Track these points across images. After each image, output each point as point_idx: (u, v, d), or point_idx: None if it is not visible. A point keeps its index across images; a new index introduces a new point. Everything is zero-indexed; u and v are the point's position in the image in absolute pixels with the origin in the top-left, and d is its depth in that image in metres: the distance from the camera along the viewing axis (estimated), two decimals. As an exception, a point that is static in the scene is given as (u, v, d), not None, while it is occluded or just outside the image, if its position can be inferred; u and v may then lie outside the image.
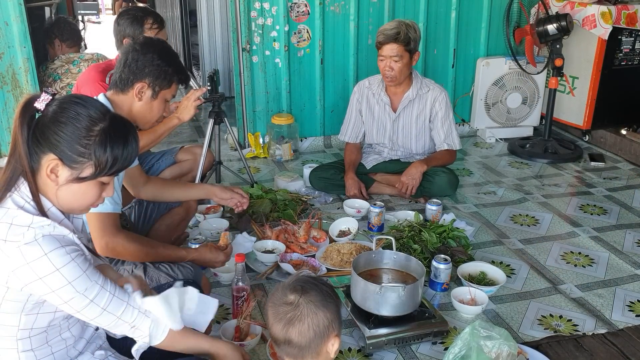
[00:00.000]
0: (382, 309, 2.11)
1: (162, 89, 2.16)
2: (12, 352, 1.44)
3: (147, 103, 2.16)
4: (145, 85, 2.13)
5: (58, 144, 1.39)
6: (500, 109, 4.46)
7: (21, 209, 1.39)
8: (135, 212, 2.53)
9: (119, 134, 1.45)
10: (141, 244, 2.09)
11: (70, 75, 3.77)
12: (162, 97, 2.18)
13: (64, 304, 1.40)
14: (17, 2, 3.54)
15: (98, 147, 1.41)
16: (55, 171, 1.41)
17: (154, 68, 2.12)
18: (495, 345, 1.83)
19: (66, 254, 1.37)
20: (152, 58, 2.12)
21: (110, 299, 1.45)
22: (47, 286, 1.36)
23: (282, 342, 1.44)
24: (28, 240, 1.34)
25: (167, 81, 2.16)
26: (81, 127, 1.40)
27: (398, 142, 3.48)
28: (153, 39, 2.26)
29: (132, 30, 2.87)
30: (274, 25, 3.97)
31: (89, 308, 1.42)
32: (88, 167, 1.42)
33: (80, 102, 1.43)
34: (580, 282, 2.60)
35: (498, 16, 4.34)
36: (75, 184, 1.43)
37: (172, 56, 2.22)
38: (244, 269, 2.25)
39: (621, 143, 4.13)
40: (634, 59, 4.19)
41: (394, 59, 3.17)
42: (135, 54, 2.12)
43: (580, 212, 3.26)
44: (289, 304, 1.43)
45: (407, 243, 2.70)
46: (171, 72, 2.16)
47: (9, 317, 1.41)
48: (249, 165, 3.51)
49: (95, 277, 1.43)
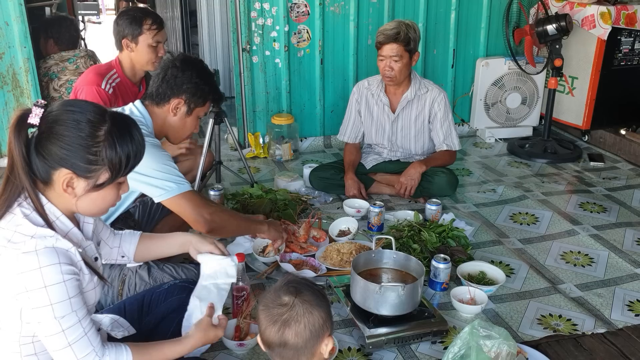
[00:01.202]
0: (381, 309, 2.11)
1: (197, 106, 2.25)
2: (16, 356, 1.43)
3: (182, 119, 2.25)
4: (181, 102, 2.21)
5: (67, 158, 1.36)
6: (500, 109, 4.47)
7: (26, 217, 1.37)
8: (140, 211, 2.53)
9: (124, 130, 1.43)
10: (229, 213, 2.35)
11: (68, 72, 3.74)
12: (195, 114, 2.27)
13: (37, 324, 1.36)
14: (17, 2, 3.54)
15: (108, 150, 1.39)
16: (71, 184, 1.39)
17: (191, 86, 2.20)
18: (495, 344, 1.83)
19: (60, 273, 1.34)
20: (190, 76, 2.20)
21: (80, 337, 1.39)
22: (30, 301, 1.33)
23: (276, 345, 1.40)
24: (27, 250, 1.32)
25: (203, 99, 2.25)
26: (85, 136, 1.37)
27: (397, 142, 3.48)
28: (192, 58, 2.32)
29: (130, 30, 2.88)
30: (274, 26, 3.97)
31: (57, 337, 1.37)
32: (103, 172, 1.41)
33: (76, 110, 1.39)
34: (579, 281, 2.60)
35: (497, 16, 4.35)
36: (93, 192, 1.42)
37: (210, 75, 2.30)
38: (244, 269, 2.26)
39: (620, 143, 4.13)
40: (633, 59, 4.19)
41: (393, 59, 3.17)
42: (174, 70, 2.20)
43: (579, 210, 3.26)
44: (284, 305, 1.39)
45: (406, 243, 2.70)
46: (207, 90, 2.25)
47: (10, 323, 1.40)
48: (249, 165, 3.51)
49: (77, 307, 1.38)
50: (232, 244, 2.78)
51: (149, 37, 2.89)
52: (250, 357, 2.09)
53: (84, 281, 1.45)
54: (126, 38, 2.89)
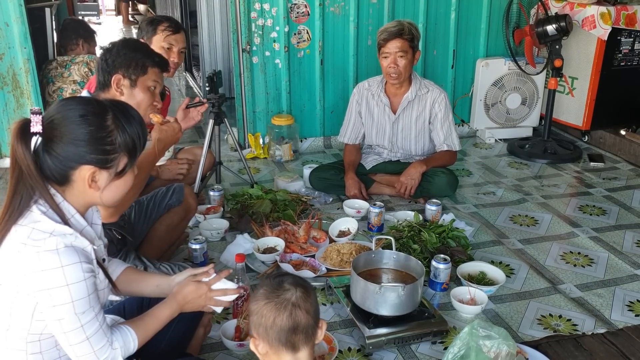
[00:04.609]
0: (381, 309, 2.11)
1: (138, 75, 2.22)
2: (21, 353, 1.43)
3: (129, 94, 2.23)
4: (120, 77, 2.21)
5: (85, 154, 1.39)
6: (500, 110, 4.47)
7: (44, 214, 1.39)
8: (135, 211, 2.52)
9: (125, 112, 1.47)
10: None
11: (61, 79, 3.81)
12: (142, 85, 2.24)
13: (56, 321, 1.38)
14: (17, 3, 3.55)
15: (121, 135, 1.43)
16: (95, 179, 1.42)
17: (122, 59, 2.20)
18: (494, 344, 1.83)
19: (81, 271, 1.36)
20: (117, 51, 2.21)
21: (96, 330, 1.43)
22: (51, 299, 1.35)
23: (289, 331, 1.39)
24: (49, 248, 1.34)
25: (140, 67, 2.23)
26: (96, 129, 1.39)
27: (397, 143, 3.48)
28: (116, 40, 2.34)
29: (146, 31, 2.94)
30: (274, 26, 3.97)
31: (76, 332, 1.40)
32: (122, 158, 1.45)
33: (77, 107, 1.41)
34: (579, 282, 2.60)
35: (497, 17, 4.35)
36: (116, 180, 1.46)
37: (137, 44, 2.31)
38: (244, 269, 2.26)
39: (620, 143, 4.13)
40: (633, 60, 4.19)
41: (399, 55, 3.17)
42: (103, 55, 2.23)
43: (579, 213, 3.26)
44: (288, 289, 1.42)
45: (406, 243, 2.70)
46: (140, 57, 2.23)
47: (19, 320, 1.40)
48: (249, 166, 3.51)
49: (94, 304, 1.42)
50: (232, 244, 2.79)
51: (161, 38, 2.91)
52: (250, 357, 2.09)
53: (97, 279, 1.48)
54: (141, 39, 2.91)
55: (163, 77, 2.36)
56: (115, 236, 2.27)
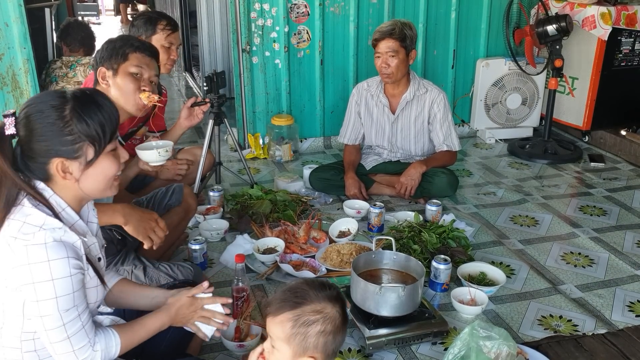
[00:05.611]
0: (382, 310, 2.11)
1: (119, 64, 2.26)
2: (16, 351, 1.44)
3: (114, 84, 2.27)
4: (104, 70, 2.26)
5: (49, 148, 1.40)
6: (500, 110, 4.47)
7: (35, 207, 1.40)
8: (135, 212, 2.52)
9: (88, 102, 1.45)
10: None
11: (66, 79, 3.80)
12: (123, 71, 2.27)
13: (39, 317, 1.37)
14: (17, 3, 3.54)
15: (79, 125, 1.41)
16: (66, 169, 1.43)
17: (103, 52, 2.28)
18: (495, 345, 1.83)
19: (68, 267, 1.36)
20: (102, 47, 2.30)
21: (78, 330, 1.42)
22: (35, 293, 1.35)
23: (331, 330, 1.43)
24: (37, 242, 1.34)
25: (120, 55, 2.27)
26: (53, 120, 1.40)
27: (397, 144, 3.48)
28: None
29: (144, 30, 2.92)
30: (274, 26, 3.97)
31: (58, 330, 1.39)
32: (88, 147, 1.44)
33: (36, 102, 1.43)
34: (580, 282, 2.60)
35: (498, 17, 4.35)
36: (89, 169, 1.45)
37: (119, 36, 2.36)
38: (243, 270, 2.25)
39: (621, 144, 4.13)
40: (634, 60, 4.19)
41: (389, 55, 3.17)
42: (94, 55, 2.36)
43: (580, 213, 3.26)
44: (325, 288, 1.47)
45: (407, 243, 2.70)
46: (119, 45, 2.27)
47: (12, 318, 1.41)
48: (248, 166, 3.51)
49: (78, 302, 1.41)
50: (231, 245, 2.79)
51: (162, 37, 2.91)
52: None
53: (87, 276, 1.47)
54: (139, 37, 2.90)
55: (154, 64, 2.37)
56: (115, 236, 2.26)
